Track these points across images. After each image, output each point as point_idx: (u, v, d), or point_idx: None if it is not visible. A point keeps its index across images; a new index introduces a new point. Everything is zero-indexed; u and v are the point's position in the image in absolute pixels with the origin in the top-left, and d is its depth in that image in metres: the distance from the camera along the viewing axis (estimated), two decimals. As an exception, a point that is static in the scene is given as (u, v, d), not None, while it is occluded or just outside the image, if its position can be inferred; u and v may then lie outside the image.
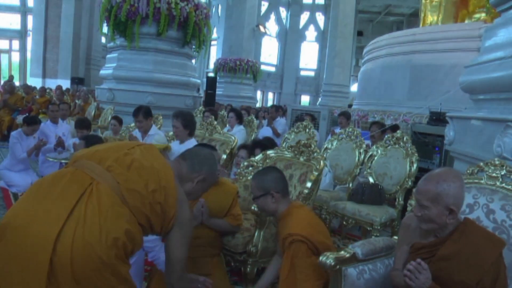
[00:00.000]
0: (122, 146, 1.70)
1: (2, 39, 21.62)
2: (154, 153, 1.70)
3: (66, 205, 1.38)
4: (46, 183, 1.48)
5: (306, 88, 27.88)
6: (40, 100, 10.01)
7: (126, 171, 1.54)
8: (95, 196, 1.43)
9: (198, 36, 7.04)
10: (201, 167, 1.85)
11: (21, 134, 5.37)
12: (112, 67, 7.13)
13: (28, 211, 1.37)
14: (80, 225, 1.35)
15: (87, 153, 1.63)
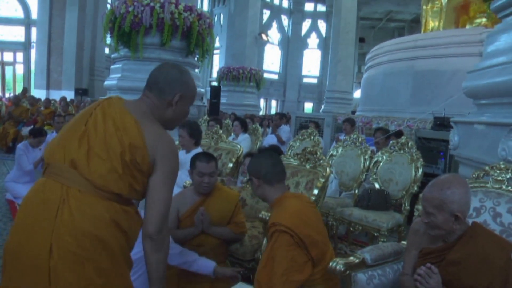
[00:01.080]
0: (78, 126, 1.57)
1: (6, 51, 21.72)
2: (112, 112, 1.57)
3: (47, 221, 1.43)
4: (25, 204, 1.52)
5: (309, 95, 27.96)
6: (45, 111, 10.05)
7: (86, 164, 1.49)
8: (68, 204, 1.44)
9: (202, 46, 7.10)
10: (171, 88, 1.65)
11: (27, 146, 5.42)
12: (116, 78, 7.18)
13: (18, 235, 1.46)
14: (63, 231, 1.41)
15: (55, 149, 1.56)
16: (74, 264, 1.39)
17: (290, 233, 1.99)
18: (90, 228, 1.43)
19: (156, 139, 1.56)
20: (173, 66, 1.72)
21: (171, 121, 1.70)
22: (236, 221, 2.77)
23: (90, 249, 1.42)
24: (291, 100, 27.48)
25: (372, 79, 10.53)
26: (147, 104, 1.64)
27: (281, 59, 27.70)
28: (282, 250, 1.98)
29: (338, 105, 16.90)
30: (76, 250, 1.39)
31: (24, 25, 21.30)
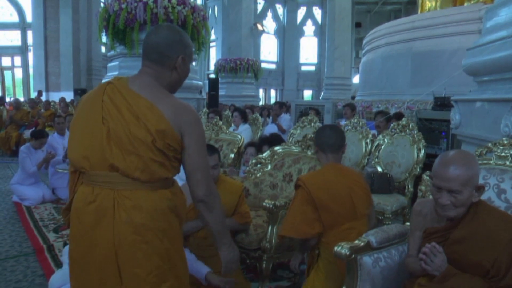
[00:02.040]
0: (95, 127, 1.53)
1: (4, 56, 21.75)
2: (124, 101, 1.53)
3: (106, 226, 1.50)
4: (79, 213, 1.55)
5: (308, 83, 27.85)
6: (45, 113, 10.08)
7: (123, 159, 1.49)
8: (122, 205, 1.50)
9: (197, 39, 7.07)
10: (172, 52, 1.60)
11: (29, 148, 5.47)
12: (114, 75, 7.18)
13: (81, 244, 1.54)
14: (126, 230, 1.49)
15: (82, 157, 1.54)
16: (142, 257, 1.49)
17: (305, 190, 2.24)
18: (149, 222, 1.50)
19: (175, 112, 1.53)
20: (166, 27, 1.66)
21: (176, 84, 1.67)
22: (241, 211, 2.77)
23: (154, 241, 1.51)
24: (290, 89, 27.39)
25: (370, 63, 10.47)
26: (151, 75, 1.59)
27: (278, 48, 27.56)
28: (298, 202, 2.28)
29: (338, 91, 16.85)
30: (142, 245, 1.48)
31: (20, 29, 21.29)
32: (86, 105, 1.60)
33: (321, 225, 2.24)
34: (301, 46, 27.91)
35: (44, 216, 4.79)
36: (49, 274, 3.11)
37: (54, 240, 3.97)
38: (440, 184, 1.65)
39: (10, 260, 3.53)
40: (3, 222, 4.54)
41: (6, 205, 5.26)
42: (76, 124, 1.60)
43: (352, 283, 1.91)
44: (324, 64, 19.50)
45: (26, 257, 3.58)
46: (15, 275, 3.23)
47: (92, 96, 1.59)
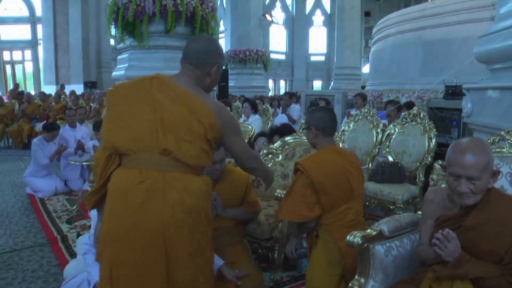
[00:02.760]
0: (145, 115, 1.68)
1: (15, 50, 21.98)
2: (177, 96, 1.70)
3: (155, 204, 1.62)
4: (127, 193, 1.65)
5: (318, 73, 27.70)
6: (56, 106, 10.16)
7: (177, 145, 1.65)
8: (173, 186, 1.64)
9: (206, 30, 7.03)
10: (210, 59, 1.80)
11: (42, 141, 5.53)
12: (124, 68, 7.17)
13: (127, 222, 1.63)
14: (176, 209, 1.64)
15: (130, 140, 1.68)
16: (188, 233, 1.65)
17: (305, 174, 2.31)
18: (196, 202, 1.67)
19: (218, 111, 1.74)
20: (207, 38, 1.90)
21: (209, 88, 1.87)
22: (249, 200, 2.78)
23: (198, 219, 1.68)
24: (300, 79, 27.26)
25: (380, 52, 10.37)
26: (191, 77, 1.78)
27: (287, 39, 27.40)
28: (297, 186, 2.34)
29: (347, 81, 16.70)
30: (189, 222, 1.65)
31: (29, 23, 21.44)
32: (131, 96, 1.73)
33: (320, 208, 2.32)
34: (310, 36, 27.72)
35: (57, 207, 4.87)
36: (64, 264, 3.17)
37: (67, 231, 4.04)
38: (458, 172, 1.63)
39: (26, 250, 3.60)
40: (18, 214, 4.62)
41: (21, 197, 5.34)
42: (121, 112, 1.72)
43: (364, 272, 1.92)
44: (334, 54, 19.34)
45: (41, 248, 3.65)
46: (31, 264, 3.30)
47: (138, 89, 1.74)
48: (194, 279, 1.69)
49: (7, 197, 5.32)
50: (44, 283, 2.98)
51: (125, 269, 1.63)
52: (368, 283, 1.89)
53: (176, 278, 1.65)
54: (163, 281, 1.62)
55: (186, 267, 1.66)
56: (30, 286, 2.94)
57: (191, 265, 1.67)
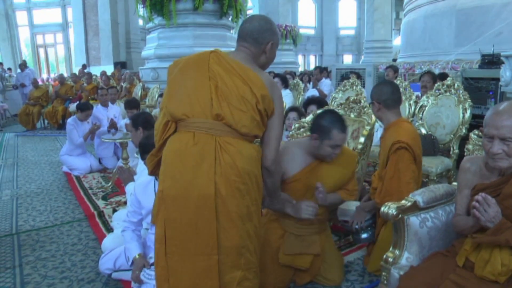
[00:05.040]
0: (202, 83, 1.76)
1: (47, 33, 22.50)
2: (232, 67, 1.77)
3: (207, 166, 1.69)
4: (180, 154, 1.74)
5: (348, 47, 27.07)
6: (88, 87, 10.34)
7: (229, 112, 1.72)
8: (226, 150, 1.71)
9: (235, 6, 6.98)
10: (264, 37, 1.87)
11: (76, 120, 5.66)
12: (153, 47, 7.24)
13: (179, 181, 1.71)
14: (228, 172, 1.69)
15: (187, 106, 1.76)
16: (239, 196, 1.71)
17: (409, 150, 2.34)
18: (248, 166, 1.73)
19: (270, 85, 1.82)
20: (261, 17, 1.95)
21: (265, 65, 1.95)
22: (349, 188, 2.50)
23: (249, 183, 1.74)
24: (329, 54, 26.75)
25: (412, 23, 10.02)
26: (248, 54, 1.87)
27: (316, 13, 26.81)
28: (405, 163, 2.33)
29: (378, 54, 16.27)
30: (240, 185, 1.71)
31: (60, 6, 21.82)
32: (189, 66, 1.84)
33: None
34: (339, 10, 27.03)
35: (92, 184, 5.01)
36: (101, 238, 3.29)
37: (103, 207, 4.15)
38: (492, 132, 1.60)
39: (66, 225, 3.74)
40: (56, 191, 4.80)
41: (58, 175, 5.53)
42: (179, 81, 1.83)
43: (399, 243, 1.90)
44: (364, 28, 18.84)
45: (79, 223, 3.78)
46: (71, 238, 3.43)
47: (195, 60, 1.84)
48: (241, 243, 1.73)
49: (46, 176, 5.53)
50: (83, 256, 3.10)
51: (177, 229, 1.71)
52: (403, 254, 1.88)
53: (224, 240, 1.70)
54: (214, 241, 1.68)
55: (234, 230, 1.71)
56: (71, 258, 3.06)
57: (239, 228, 1.72)
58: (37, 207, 4.25)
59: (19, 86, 12.14)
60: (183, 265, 1.70)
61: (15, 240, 3.45)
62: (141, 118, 3.06)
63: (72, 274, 2.82)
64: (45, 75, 22.05)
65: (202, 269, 1.69)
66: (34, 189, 4.90)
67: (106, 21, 18.31)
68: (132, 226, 2.50)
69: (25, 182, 5.22)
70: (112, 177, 5.00)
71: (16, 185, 5.11)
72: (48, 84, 13.12)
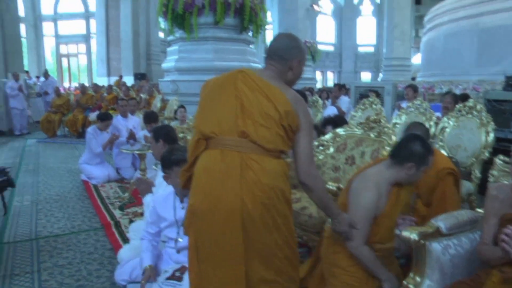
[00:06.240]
0: (228, 102, 1.82)
1: (70, 44, 23.12)
2: (257, 86, 1.82)
3: (233, 182, 1.75)
4: (209, 171, 1.81)
5: (366, 64, 27.05)
6: (108, 97, 10.51)
7: (254, 129, 1.77)
8: (250, 166, 1.76)
9: (255, 21, 7.04)
10: (291, 55, 1.91)
11: (95, 130, 5.75)
12: (173, 60, 7.33)
13: (208, 197, 1.79)
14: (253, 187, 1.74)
15: (215, 124, 1.83)
16: (264, 210, 1.76)
17: (455, 175, 2.47)
18: (272, 181, 1.78)
19: (294, 100, 1.85)
20: (287, 35, 1.99)
21: (292, 82, 1.98)
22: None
23: (274, 198, 1.78)
24: (348, 71, 26.74)
25: (432, 42, 9.97)
26: (275, 72, 1.91)
27: (335, 30, 26.90)
28: (454, 188, 2.45)
29: (397, 72, 16.21)
30: (265, 200, 1.75)
31: (84, 18, 22.47)
32: (218, 86, 1.92)
33: None
34: (358, 26, 27.09)
35: (110, 194, 5.04)
36: (117, 248, 3.30)
37: (120, 217, 4.17)
38: None
39: (82, 233, 3.78)
40: (74, 199, 4.86)
41: (76, 183, 5.60)
42: (208, 100, 1.92)
43: (420, 270, 1.85)
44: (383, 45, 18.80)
45: (96, 232, 3.81)
46: (87, 247, 3.46)
47: (224, 80, 1.92)
48: (269, 252, 1.81)
49: (65, 183, 5.61)
50: (99, 265, 3.11)
51: (208, 239, 1.81)
52: (424, 282, 1.83)
53: (251, 250, 1.77)
54: (241, 252, 1.75)
55: (260, 240, 1.78)
56: (87, 267, 3.08)
57: (266, 238, 1.78)
58: (55, 214, 4.32)
59: (43, 94, 12.44)
60: (214, 273, 1.80)
61: (34, 245, 3.51)
62: (163, 131, 3.10)
63: (87, 283, 2.84)
64: (67, 84, 22.57)
65: (231, 277, 1.77)
66: (53, 196, 4.98)
67: (127, 32, 18.72)
68: (150, 236, 2.52)
69: (44, 189, 5.31)
70: (129, 187, 5.04)
71: (37, 191, 5.20)
72: (69, 93, 13.39)
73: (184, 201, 2.35)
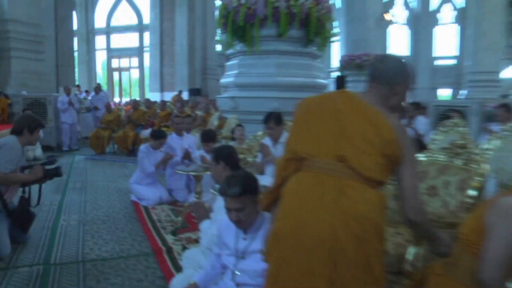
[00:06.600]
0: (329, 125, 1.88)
1: (123, 57, 24.39)
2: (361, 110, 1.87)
3: (326, 208, 1.76)
4: (299, 194, 1.85)
5: (444, 80, 26.04)
6: (161, 113, 10.94)
7: (353, 154, 1.79)
8: (346, 193, 1.76)
9: (322, 33, 7.05)
10: (397, 79, 1.94)
11: (148, 148, 5.95)
12: (233, 75, 7.47)
13: (296, 222, 1.80)
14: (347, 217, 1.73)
15: (313, 146, 1.88)
16: (357, 244, 1.73)
17: None
18: (369, 213, 1.77)
19: (400, 129, 1.89)
20: (395, 58, 2.02)
21: (395, 107, 2.01)
22: None
23: (369, 231, 1.76)
24: (423, 87, 25.87)
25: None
26: (377, 95, 1.96)
27: (410, 40, 26.37)
28: None
29: (484, 88, 15.38)
30: (359, 232, 1.73)
31: (137, 31, 23.69)
32: (315, 105, 2.00)
33: None
34: (436, 36, 26.37)
35: (161, 217, 5.19)
36: (169, 277, 3.37)
37: (172, 242, 4.27)
38: None
39: (132, 258, 3.90)
40: (123, 221, 5.03)
41: (125, 203, 5.82)
42: (304, 120, 1.99)
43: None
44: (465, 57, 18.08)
45: (146, 257, 3.92)
46: (137, 273, 3.56)
47: (322, 100, 2.02)
48: None
49: (113, 203, 5.85)
50: (150, 295, 3.19)
51: (290, 269, 1.80)
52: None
53: (339, 287, 1.73)
54: (325, 286, 1.72)
55: (351, 279, 1.73)
56: (137, 296, 3.17)
57: (355, 277, 1.73)
58: (103, 236, 4.48)
59: (92, 109, 13.14)
60: None
61: (81, 268, 3.66)
62: (225, 152, 3.10)
63: (136, 313, 2.91)
64: (117, 99, 23.66)
65: None
66: (101, 216, 5.19)
67: (183, 45, 19.44)
68: (213, 256, 2.60)
69: (92, 208, 5.55)
70: (183, 211, 5.15)
71: (84, 210, 5.45)
72: (120, 108, 14.00)
73: (248, 232, 2.35)
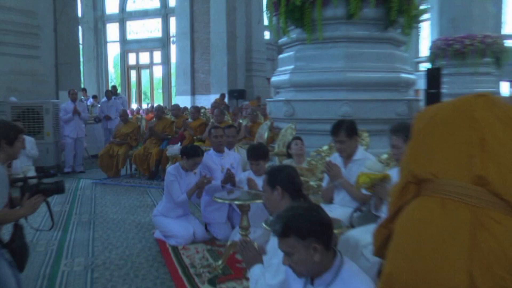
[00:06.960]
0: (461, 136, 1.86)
1: (142, 51, 24.55)
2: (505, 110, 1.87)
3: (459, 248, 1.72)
4: (420, 227, 1.83)
5: None
6: (193, 124, 10.85)
7: (499, 175, 1.75)
8: (488, 228, 1.71)
9: (407, 11, 6.91)
10: None
11: (179, 169, 5.89)
12: (288, 71, 7.41)
13: (416, 265, 1.79)
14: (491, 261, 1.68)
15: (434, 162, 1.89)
16: None
17: None
18: None
19: None
20: None
21: None
22: None
23: None
24: None
25: None
26: None
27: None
28: None
29: None
30: (506, 284, 1.67)
31: (161, 16, 23.82)
32: (443, 114, 2.00)
33: None
34: None
35: (195, 261, 5.17)
36: None
37: (210, 295, 4.25)
38: None
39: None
40: (145, 265, 5.01)
41: (147, 242, 5.81)
42: (427, 133, 1.99)
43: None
44: None
45: (176, 315, 3.90)
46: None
47: (453, 106, 2.01)
48: None
49: (131, 241, 5.85)
50: None
51: None
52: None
53: None
54: None
55: None
56: None
57: None
58: (118, 286, 4.45)
59: (103, 119, 13.28)
60: None
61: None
62: (282, 174, 3.04)
63: None
64: (135, 105, 23.84)
65: None
66: (115, 260, 5.17)
67: (220, 34, 19.46)
68: None
69: (103, 249, 5.56)
70: (224, 252, 5.09)
71: (92, 252, 5.47)
72: (139, 117, 13.84)
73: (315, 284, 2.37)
